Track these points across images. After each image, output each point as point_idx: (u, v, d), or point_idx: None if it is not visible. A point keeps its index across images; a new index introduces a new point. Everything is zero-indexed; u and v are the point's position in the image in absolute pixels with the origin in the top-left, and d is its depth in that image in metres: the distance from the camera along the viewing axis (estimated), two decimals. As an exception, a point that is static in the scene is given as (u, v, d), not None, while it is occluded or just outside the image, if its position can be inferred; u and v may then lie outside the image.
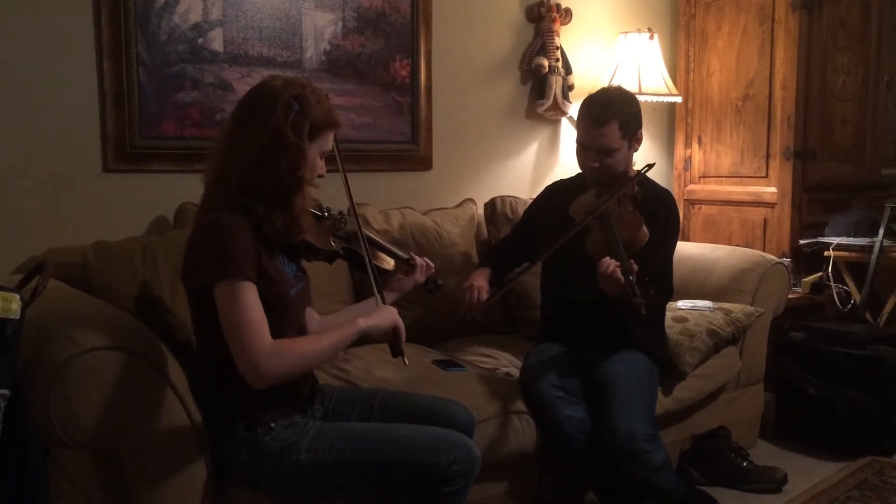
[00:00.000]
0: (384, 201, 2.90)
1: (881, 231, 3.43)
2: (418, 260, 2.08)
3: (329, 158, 1.79)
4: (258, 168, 1.66)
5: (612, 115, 2.28)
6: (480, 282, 2.39)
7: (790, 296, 3.24)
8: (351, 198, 1.91)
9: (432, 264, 2.11)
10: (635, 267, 2.01)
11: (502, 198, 3.11)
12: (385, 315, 1.79)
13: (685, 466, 2.69)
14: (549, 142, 3.60)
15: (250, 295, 1.59)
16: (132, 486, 1.61)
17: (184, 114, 2.55)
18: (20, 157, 2.29)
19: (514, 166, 3.49)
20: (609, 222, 2.17)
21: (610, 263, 2.04)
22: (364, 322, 1.75)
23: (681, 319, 2.69)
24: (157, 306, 1.89)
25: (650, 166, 2.32)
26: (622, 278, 2.00)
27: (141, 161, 2.48)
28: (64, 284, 2.04)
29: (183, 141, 2.55)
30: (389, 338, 1.81)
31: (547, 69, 3.39)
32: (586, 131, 2.34)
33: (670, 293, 2.54)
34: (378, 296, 1.85)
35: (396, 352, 1.81)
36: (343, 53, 2.88)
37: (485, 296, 2.34)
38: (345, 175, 1.87)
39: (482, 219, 3.11)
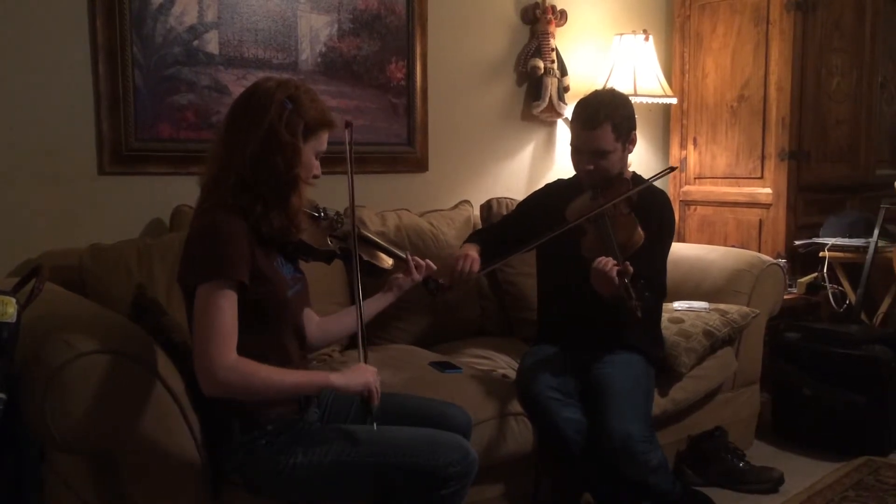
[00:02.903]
0: (380, 203, 2.90)
1: (876, 231, 3.44)
2: (414, 261, 2.07)
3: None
4: (254, 168, 1.65)
5: (604, 117, 2.28)
6: (474, 253, 2.36)
7: (786, 296, 3.24)
8: (352, 197, 1.89)
9: (434, 265, 2.12)
10: (631, 269, 2.01)
11: (498, 199, 3.11)
12: (359, 376, 1.69)
13: (682, 467, 2.69)
14: (545, 143, 3.61)
15: (228, 303, 1.59)
16: (128, 490, 1.61)
17: (179, 116, 2.55)
18: (15, 160, 2.28)
19: (510, 168, 3.49)
20: (604, 225, 2.17)
21: (608, 261, 2.04)
22: (336, 379, 1.67)
23: (677, 320, 2.69)
24: (153, 309, 1.89)
25: (672, 169, 2.31)
26: (617, 279, 2.00)
27: (136, 163, 2.48)
28: (60, 287, 2.03)
29: (179, 143, 2.54)
30: (363, 397, 1.71)
31: (542, 71, 3.39)
32: (580, 134, 2.34)
33: (664, 295, 2.54)
34: (361, 350, 1.76)
35: (366, 413, 1.70)
36: (339, 55, 2.88)
37: (477, 267, 2.31)
38: (351, 175, 1.86)
39: (478, 220, 3.11)
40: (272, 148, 1.65)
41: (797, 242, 3.62)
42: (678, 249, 3.10)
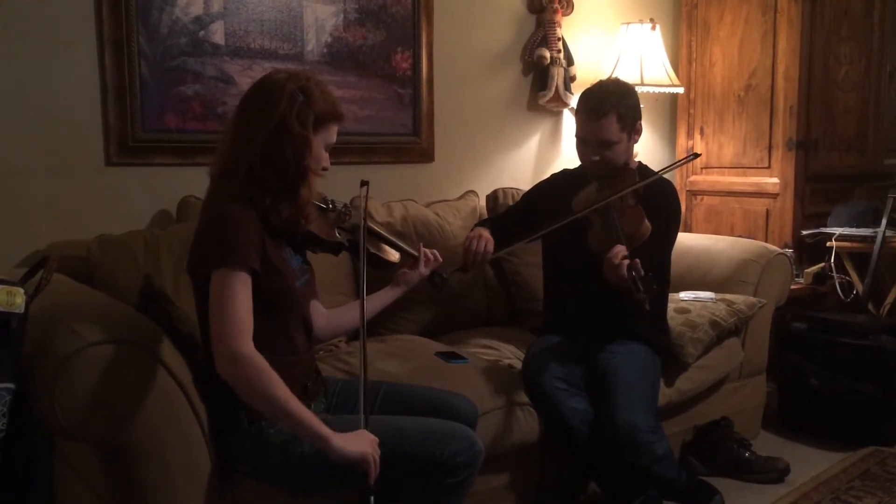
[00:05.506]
0: (386, 194, 2.91)
1: (884, 221, 3.42)
2: (424, 255, 2.08)
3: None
4: (264, 159, 1.66)
5: (610, 107, 2.27)
6: (487, 234, 2.34)
7: (792, 286, 3.23)
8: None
9: (440, 257, 2.12)
10: (639, 263, 2.01)
11: (504, 189, 3.11)
12: (359, 444, 1.57)
13: (688, 457, 2.70)
14: (551, 133, 3.60)
15: (242, 287, 1.59)
16: (136, 479, 1.62)
17: (185, 107, 2.55)
18: (23, 152, 2.29)
19: (516, 158, 3.49)
20: (611, 216, 2.16)
21: (620, 252, 2.03)
22: (335, 441, 1.56)
23: (683, 310, 2.69)
24: (161, 299, 1.89)
25: (696, 155, 2.33)
26: (626, 273, 1.99)
27: (143, 154, 2.48)
28: (67, 278, 2.04)
29: (185, 134, 2.55)
30: (361, 470, 1.58)
31: (549, 60, 3.38)
32: (585, 125, 2.33)
33: (668, 284, 2.54)
34: (363, 413, 1.62)
35: (363, 487, 1.56)
36: (344, 46, 2.88)
37: (491, 248, 2.30)
38: (364, 220, 1.84)
39: (484, 210, 3.11)
40: (282, 139, 1.66)
41: (804, 232, 3.61)
42: (684, 239, 3.09)
